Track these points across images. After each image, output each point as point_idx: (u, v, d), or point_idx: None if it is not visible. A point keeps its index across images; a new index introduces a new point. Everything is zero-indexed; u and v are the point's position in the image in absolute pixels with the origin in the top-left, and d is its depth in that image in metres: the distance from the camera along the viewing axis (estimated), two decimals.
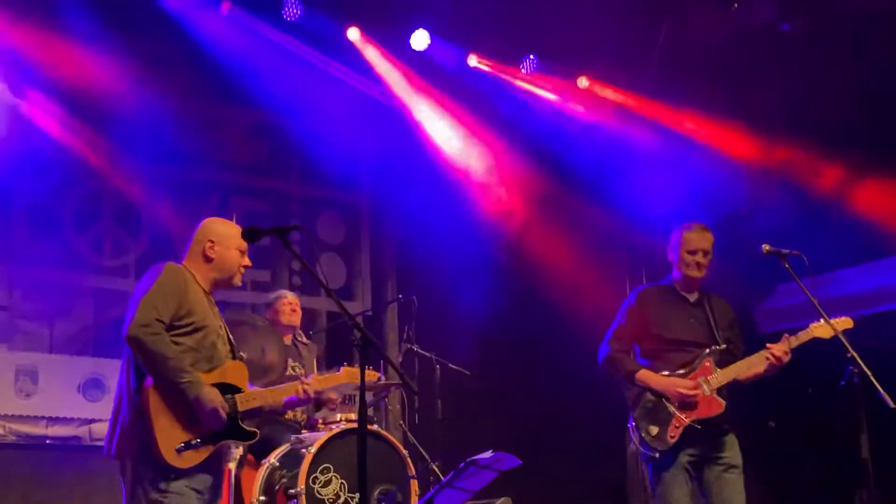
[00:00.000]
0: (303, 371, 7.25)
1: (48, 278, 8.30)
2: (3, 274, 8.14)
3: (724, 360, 5.85)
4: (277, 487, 6.44)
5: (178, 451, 4.43)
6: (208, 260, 4.80)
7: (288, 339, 7.19)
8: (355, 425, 6.49)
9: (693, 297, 6.04)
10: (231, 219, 6.76)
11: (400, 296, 8.21)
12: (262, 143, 9.15)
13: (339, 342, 8.32)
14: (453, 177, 9.05)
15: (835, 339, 5.78)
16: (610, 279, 9.70)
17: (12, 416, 7.92)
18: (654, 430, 5.78)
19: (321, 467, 6.31)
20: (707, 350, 5.85)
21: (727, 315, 6.06)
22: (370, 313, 9.32)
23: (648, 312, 5.99)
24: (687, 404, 5.74)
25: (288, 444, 6.60)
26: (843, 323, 5.79)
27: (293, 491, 6.24)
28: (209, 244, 4.81)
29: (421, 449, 7.34)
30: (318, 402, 7.26)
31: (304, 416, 7.17)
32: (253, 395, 4.77)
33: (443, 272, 8.56)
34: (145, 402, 4.43)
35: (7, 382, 7.95)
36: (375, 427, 6.74)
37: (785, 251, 5.78)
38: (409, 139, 9.18)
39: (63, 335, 8.24)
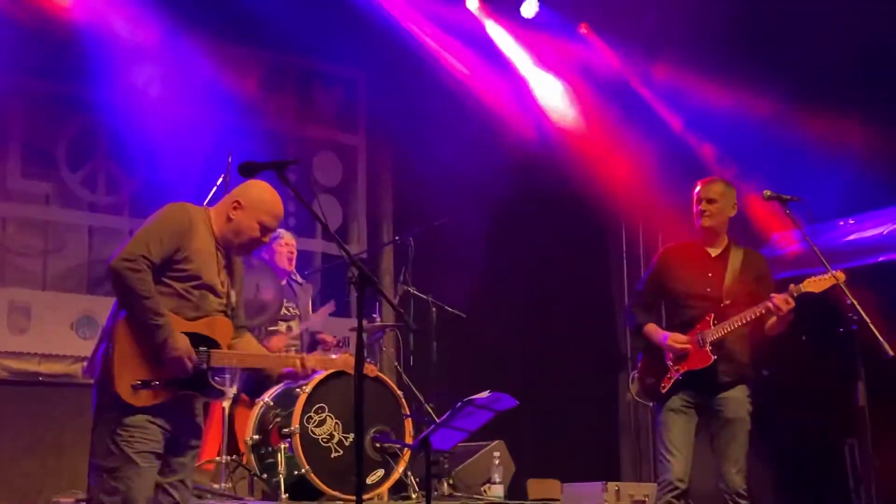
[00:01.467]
0: (297, 311, 7.23)
1: (41, 215, 8.24)
2: None
3: (729, 315, 5.86)
4: (271, 426, 6.44)
5: (134, 387, 4.34)
6: (228, 220, 4.66)
7: (283, 280, 7.15)
8: None
9: (716, 252, 6.06)
10: (227, 158, 6.75)
11: (396, 237, 8.16)
12: (258, 82, 9.04)
13: (334, 284, 8.28)
14: (453, 116, 8.93)
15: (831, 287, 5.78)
16: (609, 228, 9.70)
17: (5, 352, 7.88)
18: (650, 380, 5.96)
19: (315, 407, 6.31)
20: (715, 305, 5.88)
21: (755, 268, 6.03)
22: (366, 255, 9.28)
23: (667, 268, 6.10)
24: (680, 357, 5.86)
25: (282, 384, 6.59)
26: (831, 279, 5.73)
27: (287, 430, 6.25)
28: (235, 204, 4.66)
29: (416, 390, 7.34)
30: (313, 343, 7.26)
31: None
32: (231, 355, 4.64)
33: (440, 215, 8.49)
34: (115, 332, 4.36)
35: (0, 318, 7.92)
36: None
37: (786, 196, 5.75)
38: (408, 76, 9.06)
39: (56, 272, 8.19)
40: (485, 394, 5.12)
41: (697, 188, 6.04)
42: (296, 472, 6.23)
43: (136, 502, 4.35)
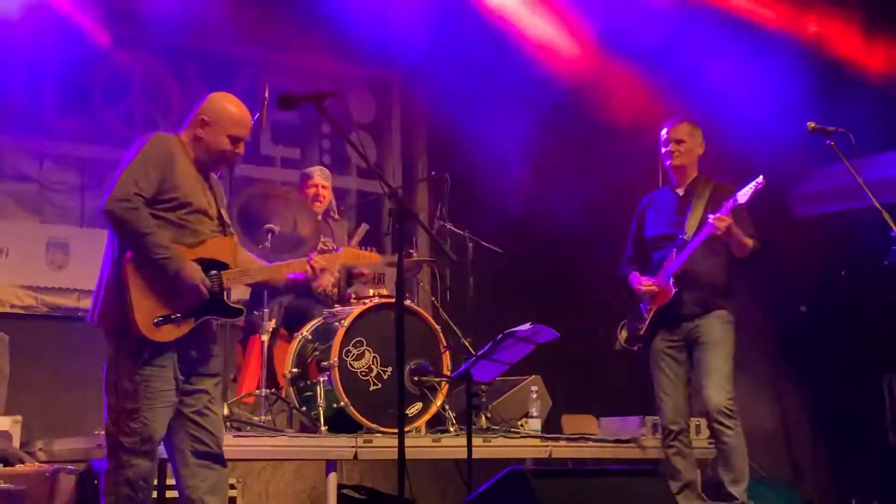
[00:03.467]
0: (333, 246, 7.22)
1: (78, 151, 8.26)
2: (33, 147, 8.10)
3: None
4: (310, 360, 6.48)
5: (157, 324, 4.35)
6: (197, 139, 4.64)
7: (320, 214, 7.14)
8: (387, 300, 6.51)
9: (682, 191, 6.27)
10: (264, 93, 6.71)
11: (433, 172, 8.13)
12: (292, 18, 8.97)
13: (369, 220, 8.27)
14: (490, 52, 8.83)
15: (866, 222, 5.78)
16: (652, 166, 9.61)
17: (44, 287, 7.96)
18: (634, 326, 6.28)
19: (354, 341, 6.33)
20: (674, 241, 6.11)
21: (724, 199, 6.06)
22: (400, 192, 9.25)
23: (641, 218, 6.40)
24: (652, 298, 6.15)
25: (320, 318, 6.62)
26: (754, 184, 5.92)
27: (326, 364, 6.28)
28: (201, 122, 4.64)
29: (453, 325, 7.35)
30: (350, 277, 7.27)
31: (336, 291, 7.17)
32: (242, 273, 4.67)
33: (476, 152, 8.44)
34: (124, 275, 4.34)
35: (39, 255, 7.99)
36: (408, 302, 6.74)
37: (831, 129, 5.70)
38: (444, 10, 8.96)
39: (94, 208, 8.19)
40: (525, 326, 5.13)
41: (664, 130, 6.25)
42: (334, 405, 6.27)
43: (153, 442, 4.41)
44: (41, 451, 6.28)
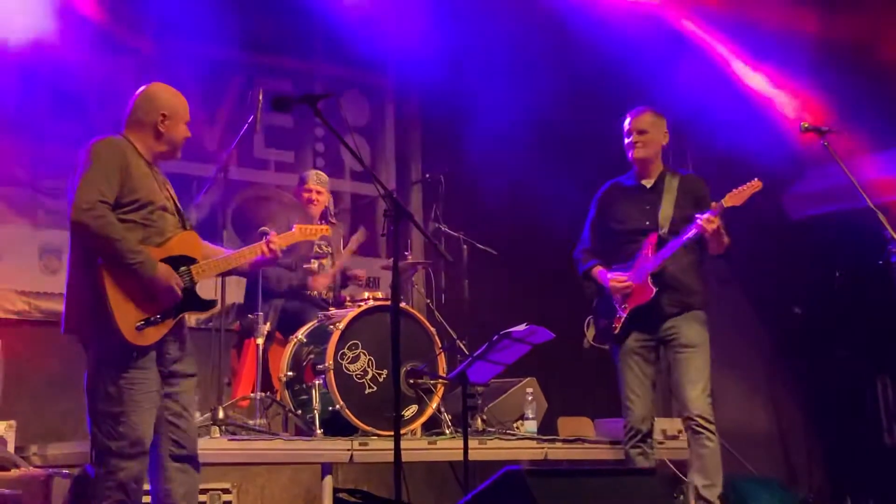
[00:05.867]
0: (329, 249, 7.24)
1: (72, 155, 8.21)
2: (27, 150, 8.06)
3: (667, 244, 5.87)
4: (305, 363, 6.48)
5: (139, 328, 4.39)
6: (158, 134, 4.66)
7: (315, 217, 7.14)
8: (382, 303, 6.50)
9: (650, 182, 6.07)
10: (258, 97, 6.71)
11: (427, 175, 8.11)
12: (285, 22, 8.96)
13: (364, 223, 8.26)
14: (483, 56, 8.83)
15: (860, 223, 5.77)
16: None
17: (37, 293, 7.93)
18: (604, 323, 6.01)
19: (349, 343, 6.33)
20: (647, 236, 5.91)
21: (693, 193, 6.01)
22: (395, 195, 9.24)
23: (605, 207, 6.15)
24: (626, 296, 5.89)
25: (315, 321, 6.62)
26: (752, 187, 5.74)
27: (321, 366, 6.28)
28: (161, 118, 4.66)
29: (448, 327, 7.34)
30: (345, 279, 7.27)
31: (331, 294, 7.18)
32: (209, 265, 4.72)
33: (469, 154, 8.43)
34: (100, 281, 4.35)
35: (32, 259, 7.95)
36: (403, 304, 6.73)
37: (824, 128, 5.70)
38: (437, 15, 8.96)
39: None
40: (521, 326, 5.12)
41: (627, 120, 6.05)
42: (330, 408, 6.26)
43: (142, 444, 4.42)
44: (36, 456, 6.27)
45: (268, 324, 6.61)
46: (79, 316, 4.46)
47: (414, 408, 6.46)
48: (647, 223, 5.95)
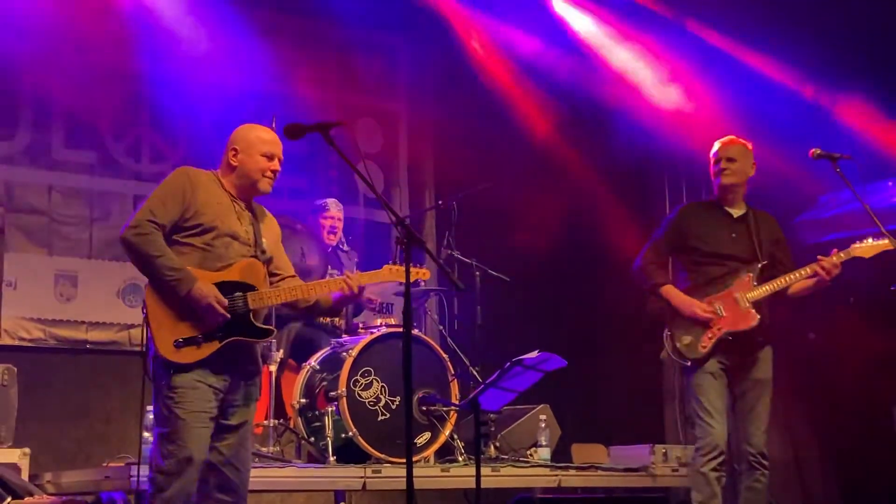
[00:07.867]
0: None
1: (86, 184, 8.29)
2: (42, 179, 8.12)
3: (765, 276, 5.84)
4: (318, 390, 6.48)
5: (177, 345, 4.43)
6: (231, 168, 4.75)
7: (331, 246, 7.17)
8: (395, 330, 6.50)
9: (737, 213, 6.02)
10: (270, 124, 6.73)
11: (440, 202, 8.12)
12: (300, 50, 9.02)
13: (377, 250, 8.28)
14: (496, 84, 8.87)
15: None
16: (652, 194, 9.63)
17: (53, 320, 7.96)
18: (687, 339, 5.84)
19: (362, 370, 6.33)
20: (747, 265, 5.84)
21: (773, 232, 6.02)
22: (408, 221, 9.24)
23: (687, 226, 6.04)
24: (717, 317, 5.77)
25: (328, 348, 6.62)
26: (886, 244, 5.67)
27: (334, 393, 6.28)
28: (233, 152, 4.76)
29: (461, 353, 7.34)
30: (358, 305, 7.27)
31: (343, 321, 7.18)
32: (268, 293, 4.66)
33: (483, 181, 8.45)
34: (146, 300, 4.49)
35: (47, 287, 8.00)
36: (416, 331, 6.74)
37: (836, 154, 5.69)
38: (449, 45, 9.02)
39: (102, 240, 8.23)
40: (533, 354, 5.12)
41: (716, 147, 6.00)
42: (343, 436, 6.26)
43: (192, 462, 4.42)
44: (49, 484, 6.27)
45: (280, 351, 6.63)
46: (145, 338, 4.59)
47: (427, 435, 6.45)
48: (738, 250, 5.90)
